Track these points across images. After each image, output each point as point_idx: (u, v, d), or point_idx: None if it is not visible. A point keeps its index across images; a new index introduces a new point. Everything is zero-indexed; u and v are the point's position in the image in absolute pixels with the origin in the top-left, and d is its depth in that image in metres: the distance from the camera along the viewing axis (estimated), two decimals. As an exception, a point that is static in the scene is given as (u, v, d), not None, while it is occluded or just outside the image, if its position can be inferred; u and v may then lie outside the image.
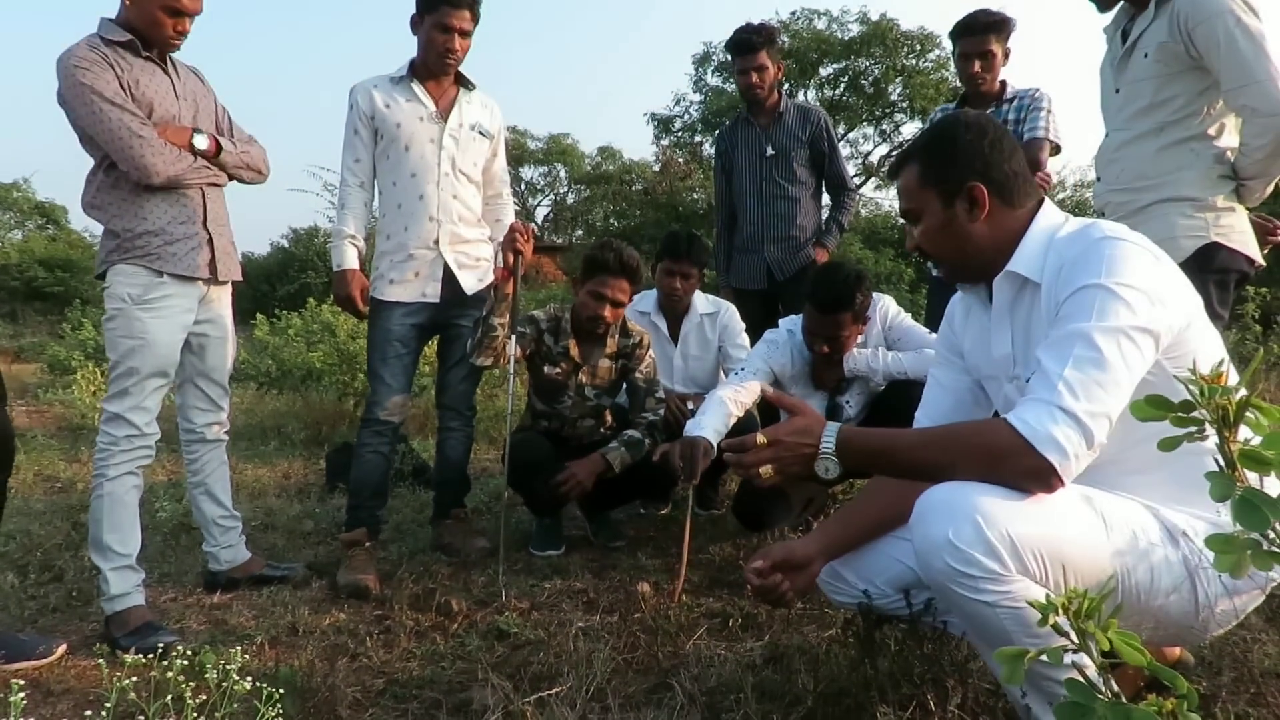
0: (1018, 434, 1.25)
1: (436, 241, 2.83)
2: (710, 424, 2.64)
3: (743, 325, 3.46)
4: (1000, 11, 3.30)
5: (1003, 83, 3.39)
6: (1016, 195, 1.48)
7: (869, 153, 26.52)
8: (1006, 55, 3.34)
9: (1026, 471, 1.25)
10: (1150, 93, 2.24)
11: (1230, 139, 2.19)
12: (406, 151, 2.80)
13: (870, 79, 24.29)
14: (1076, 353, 1.26)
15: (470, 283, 2.91)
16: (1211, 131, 2.19)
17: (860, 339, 2.83)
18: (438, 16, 2.73)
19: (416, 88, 2.83)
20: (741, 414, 2.77)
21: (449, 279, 2.86)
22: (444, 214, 2.83)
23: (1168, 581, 1.29)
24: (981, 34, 3.28)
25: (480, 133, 2.92)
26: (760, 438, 1.45)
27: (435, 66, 2.81)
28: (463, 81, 2.91)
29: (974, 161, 1.48)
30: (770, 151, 3.67)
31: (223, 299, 2.58)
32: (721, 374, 3.45)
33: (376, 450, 2.82)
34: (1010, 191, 1.48)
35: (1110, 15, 2.44)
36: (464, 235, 2.90)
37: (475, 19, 2.79)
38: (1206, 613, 1.31)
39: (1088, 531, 1.27)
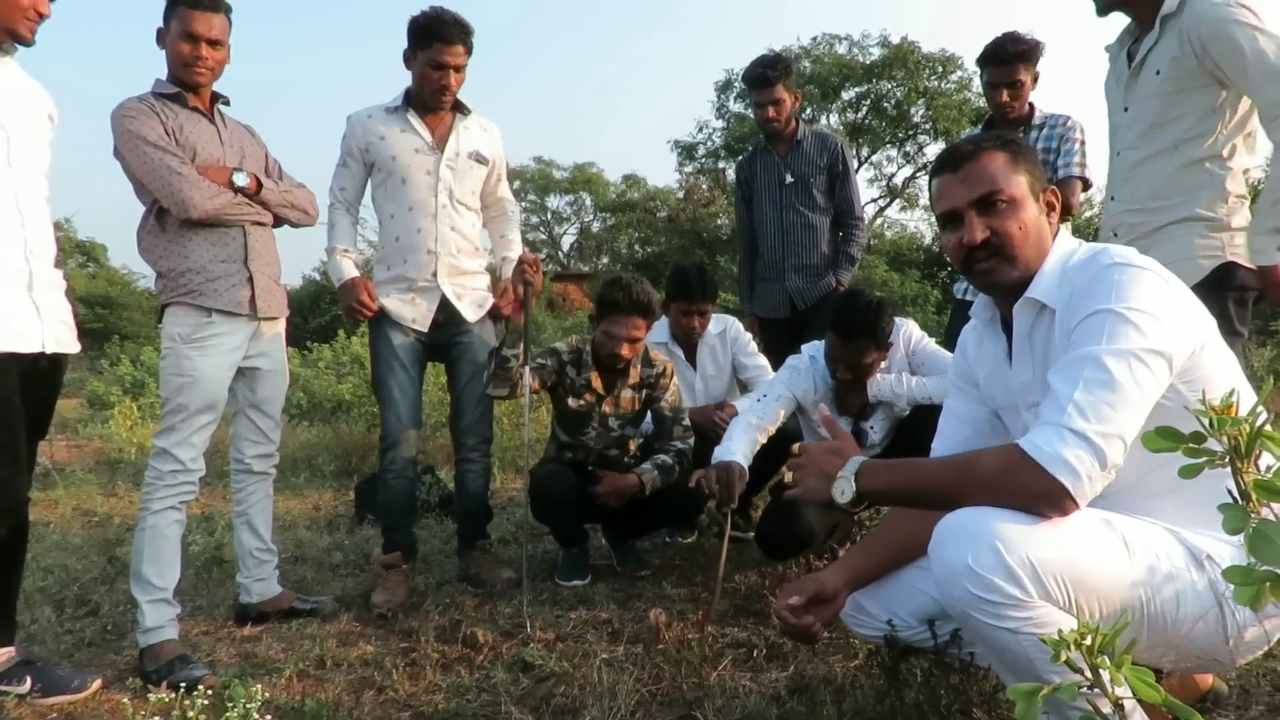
0: (1029, 457, 1.25)
1: (435, 274, 2.85)
2: (739, 449, 2.65)
3: (750, 335, 3.52)
4: (1029, 38, 3.23)
5: (1031, 105, 3.33)
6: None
7: (892, 175, 26.54)
8: (1035, 80, 3.28)
9: (1039, 494, 1.24)
10: (1161, 110, 2.24)
11: (1243, 159, 2.20)
12: (404, 184, 2.82)
13: (892, 102, 24.37)
14: (1086, 375, 1.26)
15: (470, 311, 2.93)
16: (1225, 152, 2.19)
17: (884, 364, 2.83)
18: (430, 54, 2.72)
19: (412, 118, 2.83)
20: (765, 440, 2.77)
21: (447, 306, 2.89)
22: (442, 246, 2.85)
23: (1194, 606, 1.27)
24: (1010, 63, 3.20)
25: (478, 160, 2.92)
26: (795, 447, 1.61)
27: (431, 102, 2.81)
28: (459, 107, 2.89)
29: (1044, 172, 1.55)
30: (789, 179, 3.68)
31: (274, 334, 2.65)
32: (736, 387, 3.51)
33: (401, 475, 2.87)
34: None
35: (1114, 30, 2.45)
36: (463, 266, 2.91)
37: (469, 51, 2.77)
38: (1235, 639, 1.29)
39: (1110, 556, 1.26)
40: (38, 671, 2.15)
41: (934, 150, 24.56)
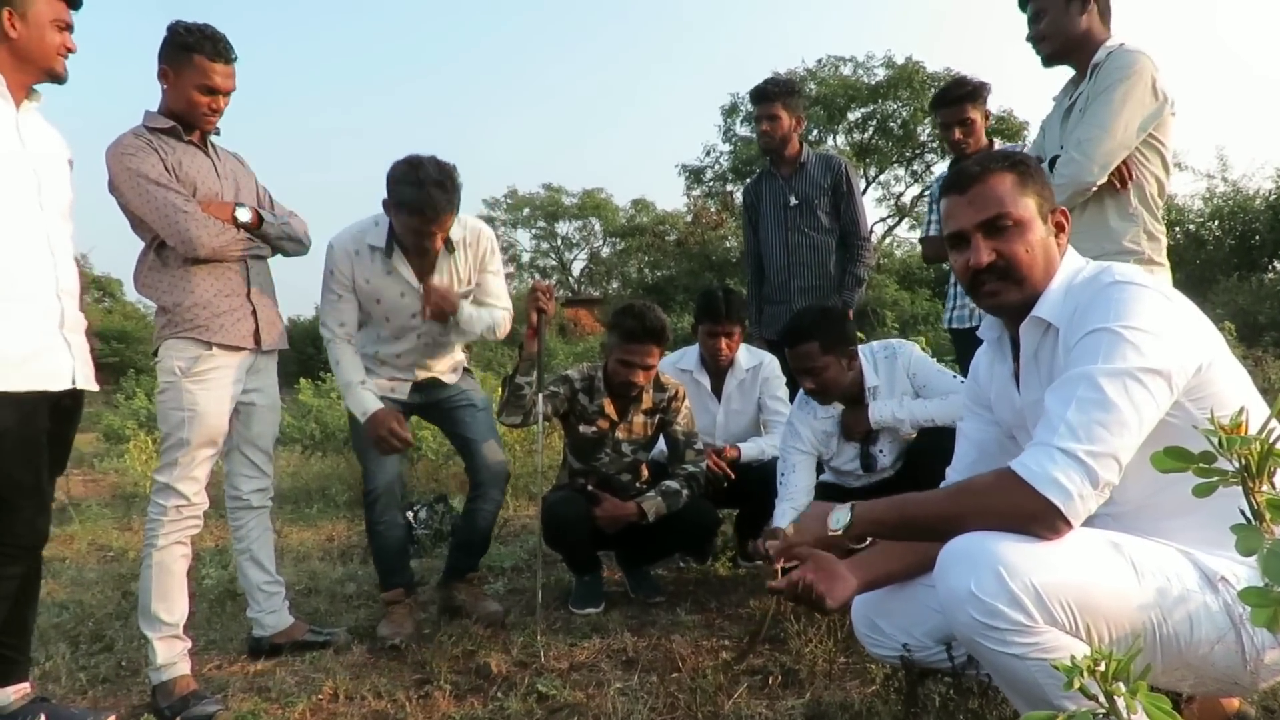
0: (1019, 478, 1.25)
1: (412, 377, 2.89)
2: (789, 519, 2.65)
3: (783, 377, 3.44)
4: (974, 79, 3.45)
5: (990, 142, 3.52)
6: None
7: (900, 194, 26.60)
8: (986, 117, 3.48)
9: (1031, 515, 1.24)
10: None
11: (1149, 199, 2.33)
12: (387, 321, 2.79)
13: (898, 121, 24.45)
14: (1080, 395, 1.26)
15: (448, 377, 2.95)
16: (1145, 189, 2.32)
17: (874, 384, 2.78)
18: (414, 222, 2.55)
19: (398, 262, 2.70)
20: (809, 500, 2.77)
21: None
22: (421, 365, 2.88)
23: (1208, 630, 1.25)
24: (958, 104, 3.42)
25: (463, 296, 2.80)
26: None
27: (415, 251, 2.69)
28: (445, 243, 2.70)
29: (1054, 194, 1.54)
30: (794, 201, 3.70)
31: (270, 368, 2.66)
32: (761, 427, 3.45)
33: (392, 524, 2.84)
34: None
35: (1058, 80, 2.59)
36: (438, 370, 2.94)
37: (455, 212, 2.62)
38: (1254, 662, 1.26)
39: (1117, 579, 1.24)
40: (52, 710, 2.14)
41: (941, 169, 24.65)
